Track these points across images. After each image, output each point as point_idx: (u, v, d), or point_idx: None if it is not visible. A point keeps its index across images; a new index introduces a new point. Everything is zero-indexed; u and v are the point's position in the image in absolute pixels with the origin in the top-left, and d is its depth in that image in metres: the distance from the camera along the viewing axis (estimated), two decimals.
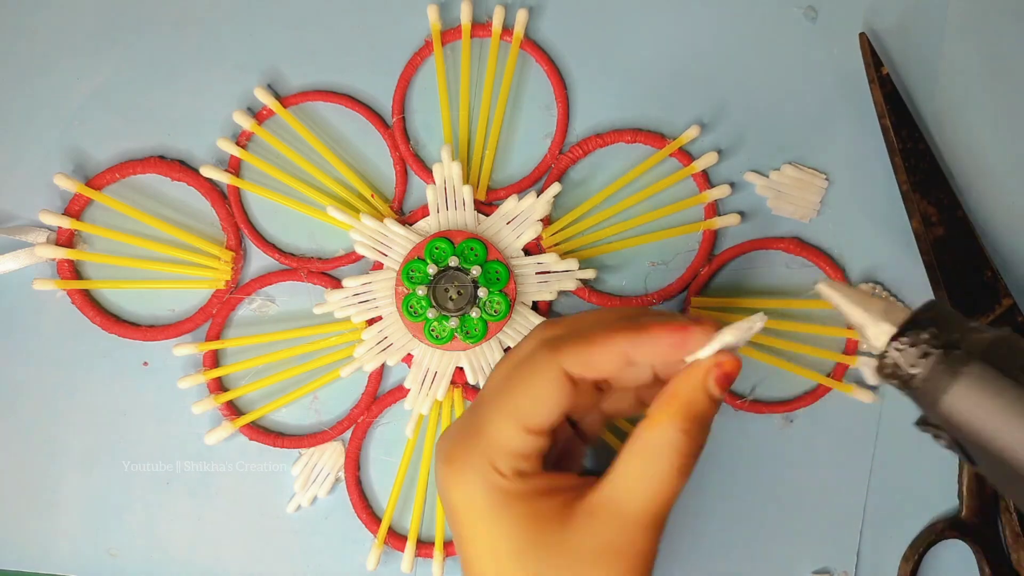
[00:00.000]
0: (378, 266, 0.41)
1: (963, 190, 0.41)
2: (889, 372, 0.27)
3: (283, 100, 0.41)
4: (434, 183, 0.40)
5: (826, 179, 0.41)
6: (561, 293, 0.41)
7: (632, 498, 0.29)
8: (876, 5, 0.42)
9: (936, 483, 0.41)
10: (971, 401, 0.25)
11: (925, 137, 0.39)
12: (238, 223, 0.42)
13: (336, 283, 0.41)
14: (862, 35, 0.40)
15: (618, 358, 0.30)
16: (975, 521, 0.40)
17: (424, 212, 0.41)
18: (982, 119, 0.41)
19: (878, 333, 0.27)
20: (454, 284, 0.39)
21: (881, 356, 0.27)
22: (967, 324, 0.26)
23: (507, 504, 0.29)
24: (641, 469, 0.29)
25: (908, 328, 0.27)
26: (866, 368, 0.27)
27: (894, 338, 0.27)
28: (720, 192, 0.41)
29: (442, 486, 0.31)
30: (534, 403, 0.30)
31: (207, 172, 0.41)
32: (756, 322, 0.30)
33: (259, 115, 0.41)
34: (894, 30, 0.41)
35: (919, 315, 0.27)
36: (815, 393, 0.41)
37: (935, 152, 0.40)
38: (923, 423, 0.27)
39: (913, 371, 0.26)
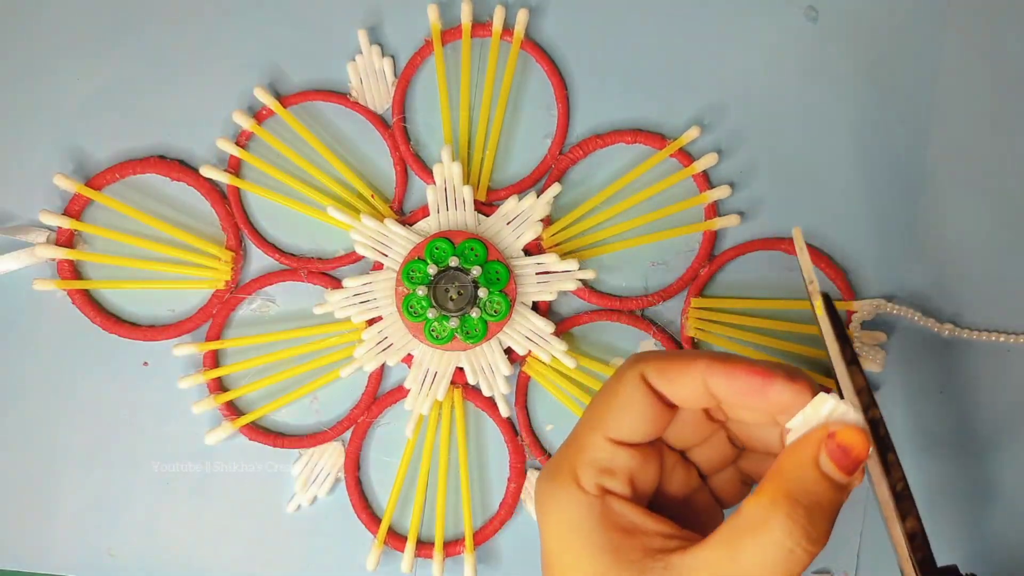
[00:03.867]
0: (378, 266, 0.41)
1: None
2: None
3: (283, 100, 0.41)
4: (434, 183, 0.40)
5: None
6: (561, 293, 0.41)
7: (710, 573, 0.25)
8: (876, 5, 0.42)
9: (936, 483, 0.41)
10: None
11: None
12: (238, 223, 0.42)
13: (336, 283, 0.41)
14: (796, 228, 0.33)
15: (695, 382, 0.27)
16: None
17: (424, 212, 0.41)
18: (980, 119, 0.41)
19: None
20: (454, 284, 0.39)
21: None
22: None
23: (588, 526, 0.27)
24: (733, 551, 0.25)
25: None
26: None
27: None
28: (720, 192, 0.41)
29: (535, 500, 0.29)
30: (614, 411, 0.28)
31: (207, 172, 0.41)
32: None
33: (259, 115, 0.41)
34: (894, 30, 0.41)
35: None
36: None
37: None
38: None
39: None
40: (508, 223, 0.41)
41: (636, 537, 0.27)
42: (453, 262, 0.39)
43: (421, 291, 0.39)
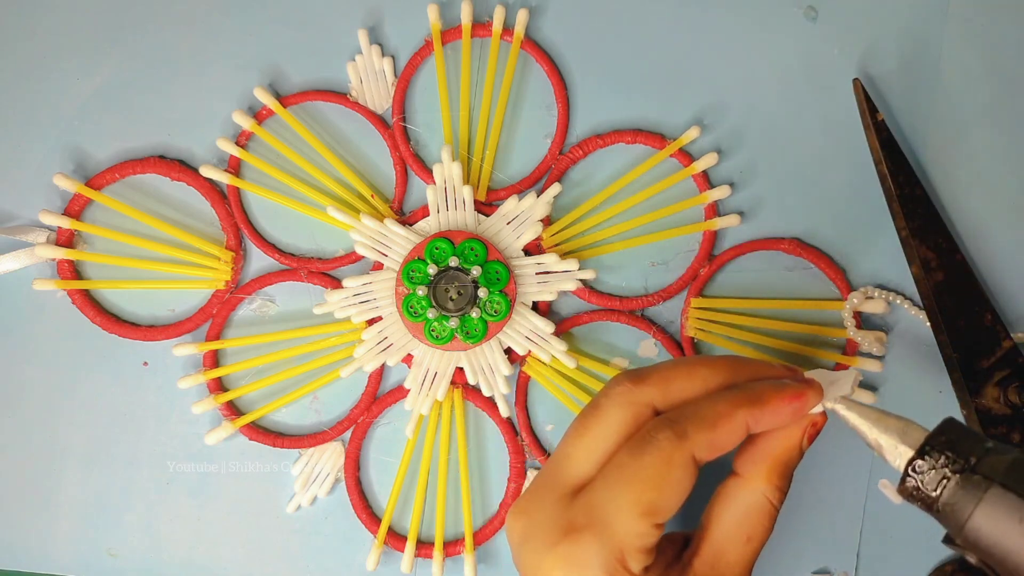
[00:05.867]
0: (378, 266, 0.41)
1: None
2: (912, 495, 0.28)
3: (283, 100, 0.41)
4: (434, 183, 0.40)
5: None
6: (561, 293, 0.41)
7: (734, 559, 0.30)
8: (876, 5, 0.42)
9: None
10: (994, 527, 0.26)
11: (922, 181, 0.39)
12: (238, 223, 0.42)
13: (336, 283, 0.41)
14: (856, 81, 0.39)
15: (742, 434, 0.30)
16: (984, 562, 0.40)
17: (424, 212, 0.41)
18: (980, 118, 0.41)
19: (896, 456, 0.28)
20: (454, 284, 0.39)
21: (902, 479, 0.28)
22: (984, 444, 0.27)
23: None
24: (739, 530, 0.30)
25: (926, 451, 0.28)
26: (887, 490, 0.29)
27: (912, 461, 0.28)
28: (720, 192, 0.41)
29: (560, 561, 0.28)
30: (668, 497, 0.28)
31: (207, 172, 0.41)
32: (852, 378, 0.31)
33: (259, 115, 0.41)
34: (894, 30, 0.41)
35: (935, 437, 0.28)
36: None
37: (932, 196, 0.40)
38: (949, 542, 0.28)
39: (934, 495, 0.27)
40: (508, 223, 0.41)
41: (657, 566, 0.29)
42: (453, 262, 0.39)
43: (421, 291, 0.39)
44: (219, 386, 0.41)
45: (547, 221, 0.41)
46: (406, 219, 0.41)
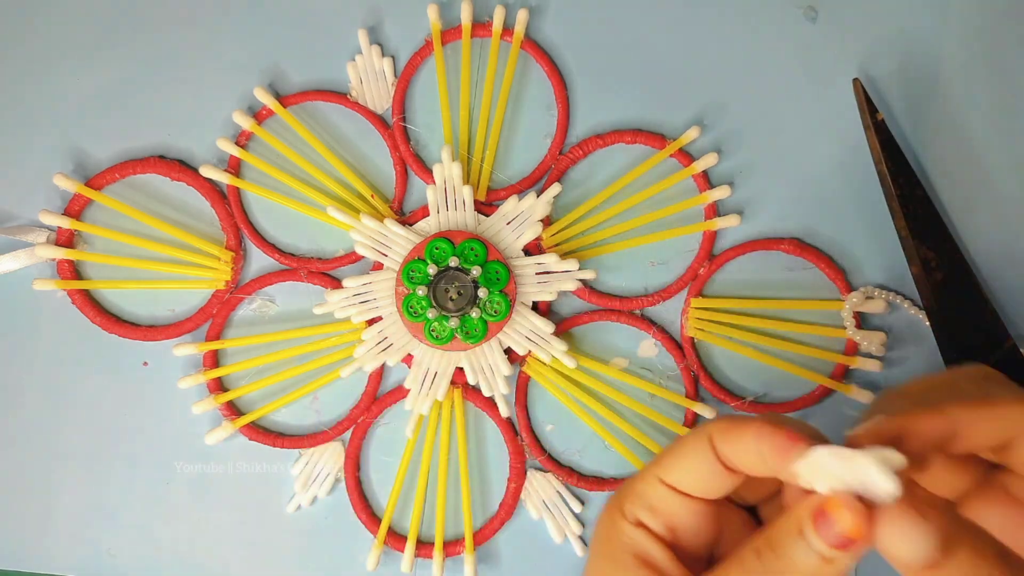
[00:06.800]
0: (378, 266, 0.41)
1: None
2: None
3: (283, 100, 0.41)
4: (434, 183, 0.40)
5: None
6: (561, 293, 0.41)
7: None
8: (876, 5, 0.42)
9: None
10: None
11: (922, 182, 0.39)
12: (238, 223, 0.42)
13: (336, 283, 0.41)
14: (856, 81, 0.40)
15: (751, 450, 0.26)
16: None
17: (424, 212, 0.41)
18: (980, 118, 0.41)
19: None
20: (454, 284, 0.39)
21: None
22: None
23: (615, 547, 0.28)
24: None
25: None
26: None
27: None
28: (720, 193, 0.41)
29: None
30: (674, 455, 0.28)
31: (207, 172, 0.41)
32: (885, 456, 0.23)
33: (259, 115, 0.41)
34: (893, 30, 0.41)
35: None
36: (815, 394, 0.41)
37: (932, 196, 0.40)
38: None
39: None
40: (508, 223, 0.41)
41: (654, 572, 0.27)
42: (453, 262, 0.39)
43: (421, 291, 0.39)
44: (219, 386, 0.41)
45: (547, 221, 0.41)
46: (406, 219, 0.41)
